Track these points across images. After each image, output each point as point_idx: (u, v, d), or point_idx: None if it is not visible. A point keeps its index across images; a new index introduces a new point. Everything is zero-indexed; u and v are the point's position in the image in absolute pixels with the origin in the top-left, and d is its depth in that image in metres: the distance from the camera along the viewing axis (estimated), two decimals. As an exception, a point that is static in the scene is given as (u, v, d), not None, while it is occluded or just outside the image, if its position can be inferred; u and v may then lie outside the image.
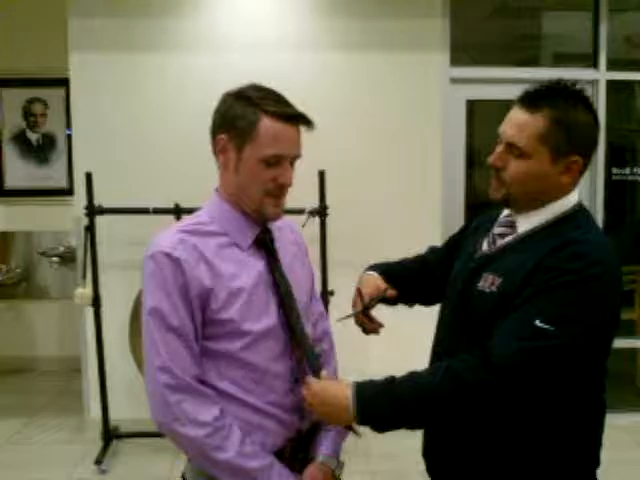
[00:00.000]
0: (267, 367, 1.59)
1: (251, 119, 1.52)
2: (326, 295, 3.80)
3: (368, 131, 4.29)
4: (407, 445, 3.96)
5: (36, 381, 5.42)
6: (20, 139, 5.44)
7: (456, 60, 4.38)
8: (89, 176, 3.79)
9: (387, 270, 1.96)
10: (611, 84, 4.47)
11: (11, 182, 5.47)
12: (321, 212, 3.79)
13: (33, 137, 5.45)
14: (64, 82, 4.70)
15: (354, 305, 1.86)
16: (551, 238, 1.54)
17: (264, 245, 1.64)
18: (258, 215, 1.61)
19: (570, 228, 1.56)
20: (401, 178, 4.35)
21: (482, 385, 1.42)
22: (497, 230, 1.69)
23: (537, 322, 1.41)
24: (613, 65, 4.50)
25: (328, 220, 3.84)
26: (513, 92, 4.72)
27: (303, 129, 1.59)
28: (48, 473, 3.82)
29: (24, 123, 5.43)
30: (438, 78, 4.32)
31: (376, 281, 1.89)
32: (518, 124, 1.56)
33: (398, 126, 4.32)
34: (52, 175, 5.44)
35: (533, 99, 1.57)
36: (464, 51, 4.42)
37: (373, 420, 1.50)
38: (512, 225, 1.66)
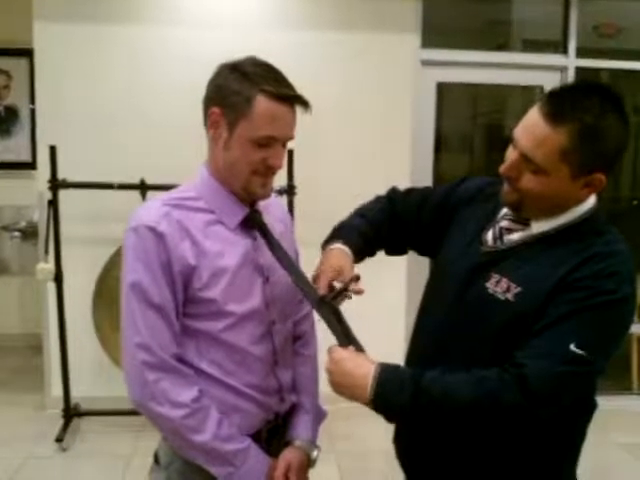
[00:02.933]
0: (248, 349, 1.57)
1: (247, 96, 1.45)
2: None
3: (337, 111, 4.25)
4: (370, 426, 3.99)
5: (-5, 358, 5.35)
6: (-19, 111, 5.32)
7: (427, 42, 4.37)
8: (53, 149, 3.72)
9: (358, 242, 1.75)
10: (580, 72, 4.49)
11: (-28, 155, 5.35)
12: (289, 191, 3.77)
13: (-5, 109, 5.33)
14: (28, 53, 4.60)
15: (316, 285, 1.60)
16: (573, 246, 1.42)
17: (255, 223, 1.60)
18: (246, 194, 1.56)
19: (592, 234, 1.44)
20: (369, 159, 4.33)
21: (518, 409, 1.33)
22: (505, 224, 1.55)
23: (572, 346, 1.32)
24: (581, 54, 4.53)
25: (295, 200, 3.82)
26: (484, 76, 4.76)
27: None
28: (8, 451, 3.77)
29: (-15, 94, 5.31)
30: (409, 60, 4.31)
31: (340, 261, 1.64)
32: (536, 137, 1.37)
33: (367, 107, 4.30)
34: (14, 148, 5.33)
35: (557, 109, 1.36)
36: (435, 34, 4.41)
37: (387, 407, 1.41)
38: (523, 222, 1.52)
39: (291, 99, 1.50)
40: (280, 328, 1.65)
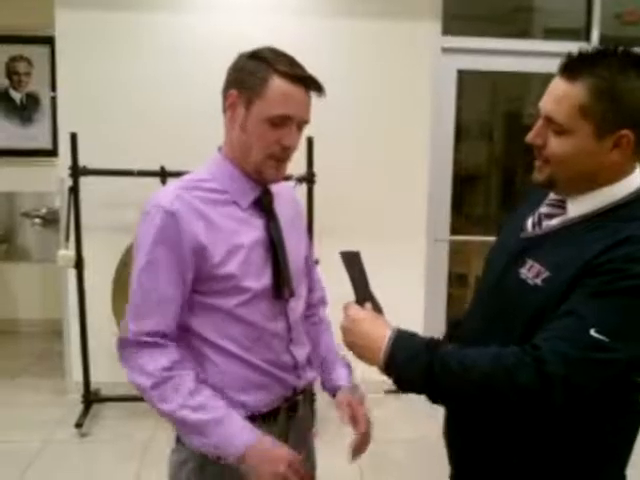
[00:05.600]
0: (264, 326, 1.61)
1: (262, 76, 1.51)
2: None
3: (357, 99, 4.25)
4: (386, 414, 4.01)
5: (17, 343, 5.41)
6: (3, 98, 5.35)
7: (448, 30, 4.33)
8: (74, 136, 3.74)
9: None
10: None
11: (-7, 141, 5.39)
12: (309, 179, 3.77)
13: (17, 96, 5.36)
14: (49, 40, 4.61)
15: None
16: (605, 230, 1.37)
17: (263, 206, 1.64)
18: (258, 176, 1.59)
19: (627, 219, 1.38)
20: (388, 147, 4.32)
21: (531, 390, 1.29)
22: (544, 209, 1.53)
23: (592, 331, 1.27)
24: (603, 42, 4.48)
25: (315, 188, 3.82)
26: (505, 63, 4.71)
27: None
28: (28, 435, 3.81)
29: (7, 81, 5.34)
30: (429, 47, 4.28)
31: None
32: (556, 96, 1.38)
33: (387, 95, 4.28)
34: (36, 135, 5.37)
35: (573, 66, 1.37)
36: (456, 21, 4.37)
37: (400, 373, 1.39)
38: (561, 205, 1.49)
39: (304, 80, 1.54)
40: (294, 305, 1.69)
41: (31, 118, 5.38)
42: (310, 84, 1.55)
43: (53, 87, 4.81)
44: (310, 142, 3.73)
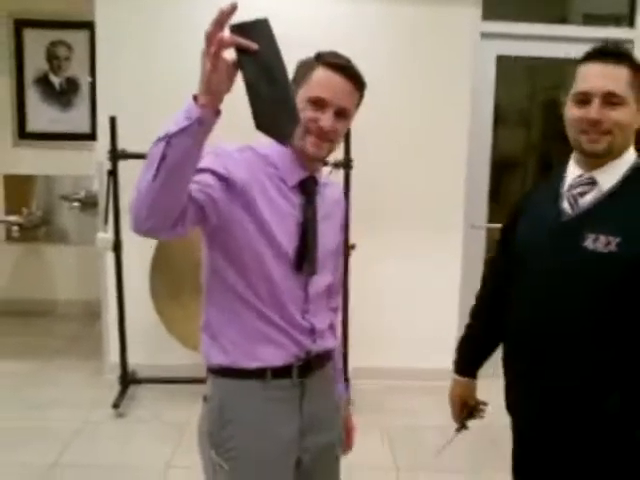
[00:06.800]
0: (280, 281, 1.67)
1: (310, 67, 1.67)
2: (347, 249, 3.78)
3: (396, 85, 4.23)
4: (421, 401, 4.00)
5: (55, 324, 5.51)
6: (43, 82, 5.43)
7: (487, 14, 4.28)
8: (113, 120, 3.77)
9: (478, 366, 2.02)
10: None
11: (33, 125, 5.48)
12: (346, 165, 3.76)
13: (56, 81, 5.43)
14: (89, 25, 4.66)
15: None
16: None
17: (306, 188, 1.73)
18: (302, 153, 1.69)
19: None
20: (427, 133, 4.29)
21: None
22: (577, 190, 1.69)
23: None
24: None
25: (352, 173, 3.81)
26: (545, 49, 4.63)
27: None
28: (66, 415, 3.88)
29: (47, 66, 5.41)
30: (469, 32, 4.24)
31: (464, 392, 1.99)
32: (612, 75, 1.62)
33: (427, 80, 4.26)
34: (75, 119, 5.44)
35: (614, 54, 1.64)
36: (495, 5, 4.32)
37: None
38: (592, 182, 1.67)
39: (343, 68, 1.64)
40: (315, 282, 1.76)
41: (70, 102, 5.45)
42: (349, 73, 1.65)
43: (92, 72, 4.87)
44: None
